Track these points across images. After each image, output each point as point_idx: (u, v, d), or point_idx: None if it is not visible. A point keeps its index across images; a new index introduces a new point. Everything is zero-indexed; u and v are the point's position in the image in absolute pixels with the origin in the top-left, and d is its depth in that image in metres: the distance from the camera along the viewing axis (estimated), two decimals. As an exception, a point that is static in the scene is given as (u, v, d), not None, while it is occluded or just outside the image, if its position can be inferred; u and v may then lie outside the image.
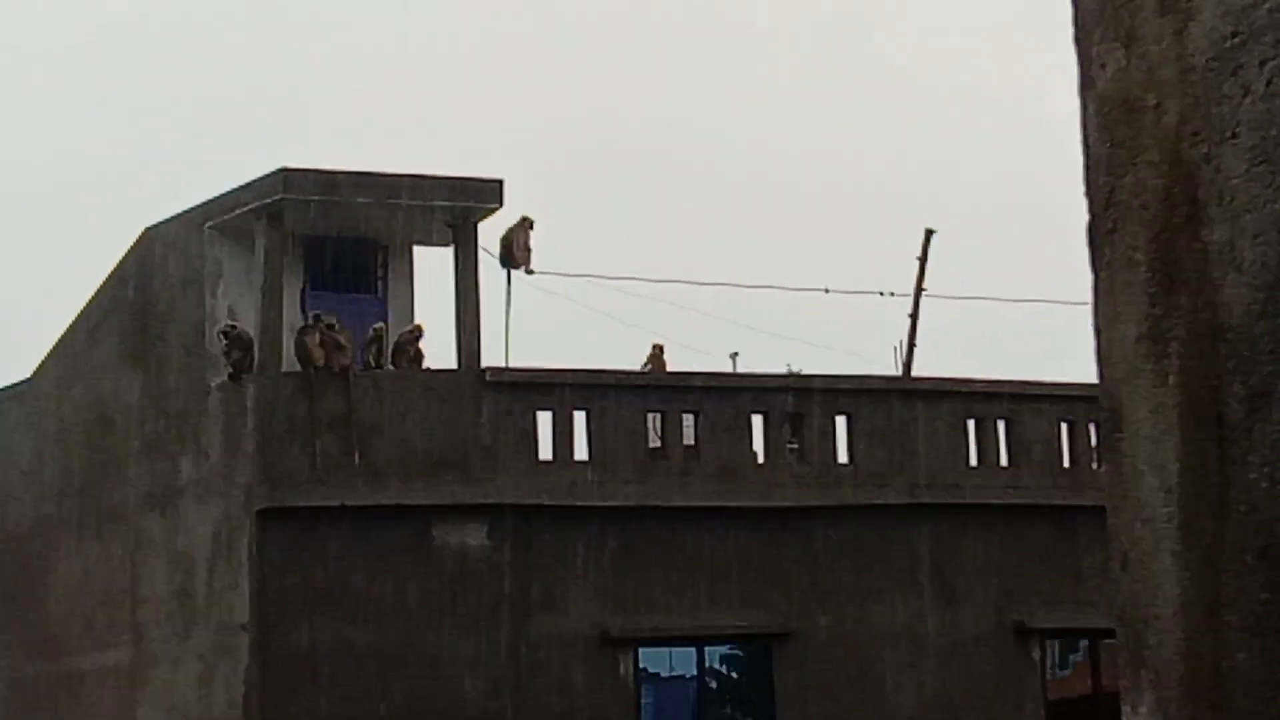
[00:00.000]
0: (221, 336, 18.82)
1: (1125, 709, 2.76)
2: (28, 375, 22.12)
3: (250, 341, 18.65)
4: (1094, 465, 20.11)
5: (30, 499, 21.72)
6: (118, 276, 20.81)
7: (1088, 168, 2.85)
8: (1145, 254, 2.72)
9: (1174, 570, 2.60)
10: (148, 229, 20.48)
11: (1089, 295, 2.95)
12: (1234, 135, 2.56)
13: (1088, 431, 20.58)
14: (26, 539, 21.68)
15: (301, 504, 18.24)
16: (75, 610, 20.76)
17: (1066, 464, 20.65)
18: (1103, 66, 2.82)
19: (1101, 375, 2.88)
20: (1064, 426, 20.72)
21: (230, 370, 18.78)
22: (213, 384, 19.05)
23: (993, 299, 31.34)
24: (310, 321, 18.83)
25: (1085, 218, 2.90)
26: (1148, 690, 2.66)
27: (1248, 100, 2.55)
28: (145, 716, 19.59)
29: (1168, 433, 2.62)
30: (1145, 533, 2.69)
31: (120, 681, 19.92)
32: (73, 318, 21.48)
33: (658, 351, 21.30)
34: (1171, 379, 2.62)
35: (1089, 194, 2.85)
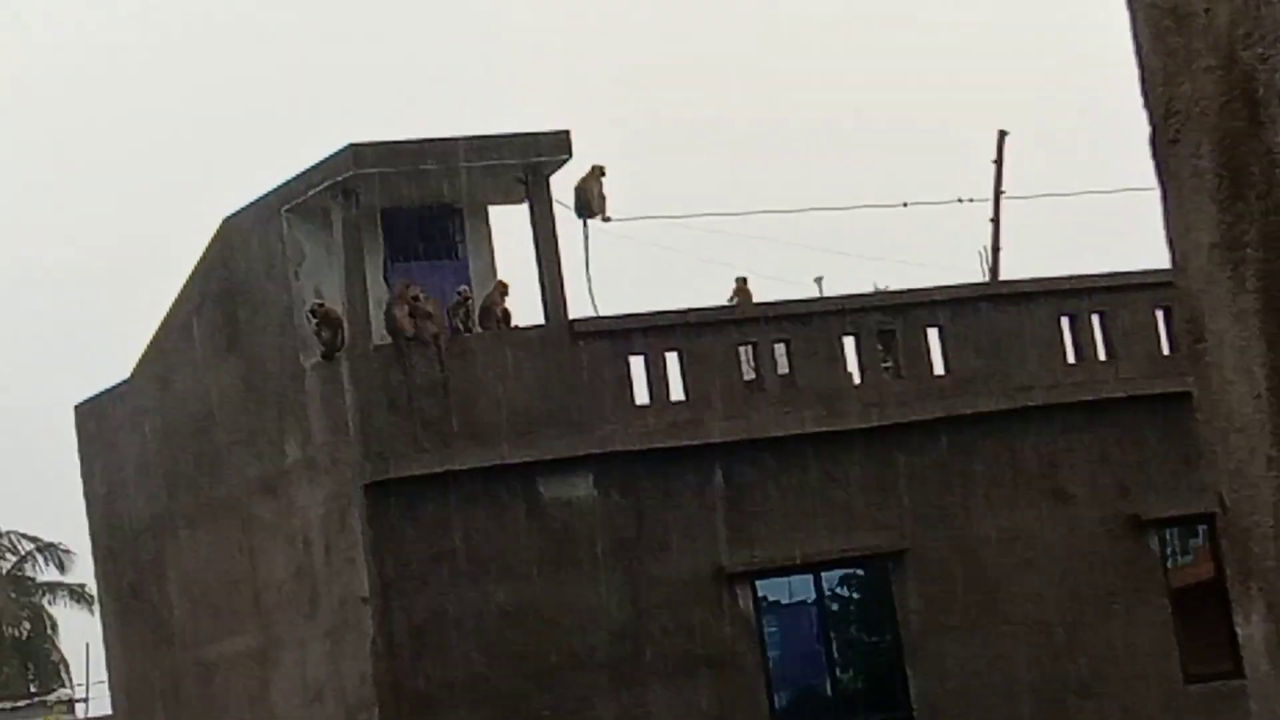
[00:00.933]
0: (310, 316, 18.97)
1: (1237, 618, 2.74)
2: (126, 376, 22.41)
3: (339, 319, 18.79)
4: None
5: (142, 496, 22.04)
6: (202, 269, 21.01)
7: (1144, 79, 2.81)
8: (1210, 161, 2.67)
9: (1272, 476, 2.57)
10: (226, 219, 20.65)
11: (1159, 206, 2.91)
12: (1288, 33, 2.51)
13: (1184, 316, 20.32)
14: (142, 536, 22.02)
15: (407, 474, 18.40)
16: (198, 601, 21.08)
17: (1166, 351, 20.43)
18: (1149, -26, 2.77)
19: (1180, 285, 2.85)
20: (1159, 314, 20.49)
21: (323, 350, 18.93)
22: (307, 365, 19.22)
23: (1071, 194, 30.97)
24: (398, 292, 18.93)
25: (1146, 129, 2.86)
26: (1258, 598, 2.64)
27: (1298, -4, 2.49)
28: (279, 699, 19.88)
29: (1252, 339, 2.59)
30: (1239, 442, 2.66)
31: (250, 667, 20.23)
32: (164, 314, 21.72)
33: (742, 284, 21.25)
34: (1250, 284, 2.59)
35: (1147, 105, 2.81)
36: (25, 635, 50.07)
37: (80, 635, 48.75)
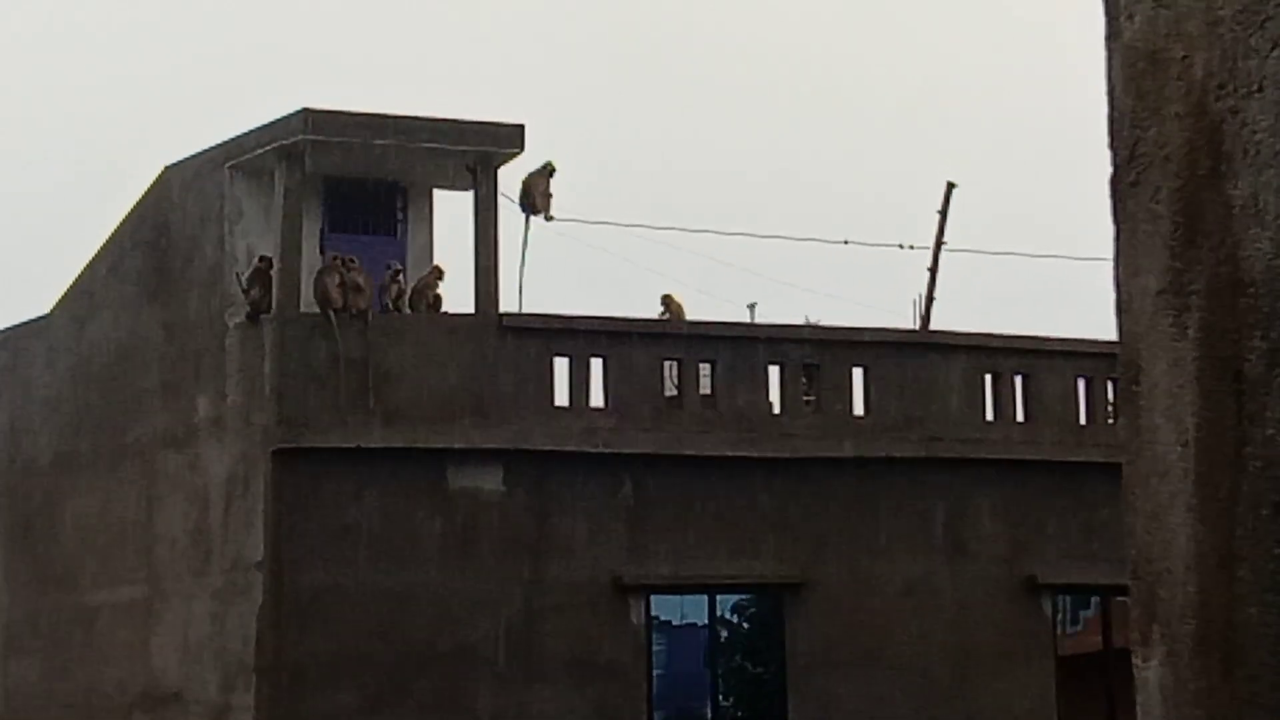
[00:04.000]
0: (250, 271, 18.82)
1: (1136, 662, 2.77)
2: (46, 311, 22.17)
3: (270, 280, 18.68)
4: (1109, 422, 20.10)
5: (48, 433, 21.81)
6: (138, 214, 20.83)
7: (1112, 120, 2.84)
8: (1168, 207, 2.71)
9: (1188, 524, 2.60)
10: (168, 167, 20.49)
11: (1110, 248, 2.95)
12: (1260, 89, 2.55)
13: (1104, 388, 20.56)
14: (44, 473, 21.79)
15: (318, 445, 18.30)
16: (91, 545, 20.87)
17: (1083, 420, 20.64)
18: (1130, 17, 2.80)
19: (1120, 328, 2.88)
20: (1081, 383, 20.70)
21: (249, 309, 18.81)
22: (231, 323, 19.09)
23: (1012, 254, 31.25)
24: (330, 262, 18.84)
25: (1108, 170, 2.89)
26: (1159, 643, 2.66)
27: (1275, 53, 2.53)
28: (159, 652, 19.71)
29: (1186, 387, 2.62)
30: (1160, 486, 2.69)
31: (135, 617, 20.05)
32: (92, 254, 21.51)
33: (671, 300, 21.27)
34: (1191, 333, 2.62)
35: (1113, 146, 2.84)
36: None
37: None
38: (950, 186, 25.94)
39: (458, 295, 19.53)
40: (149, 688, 19.74)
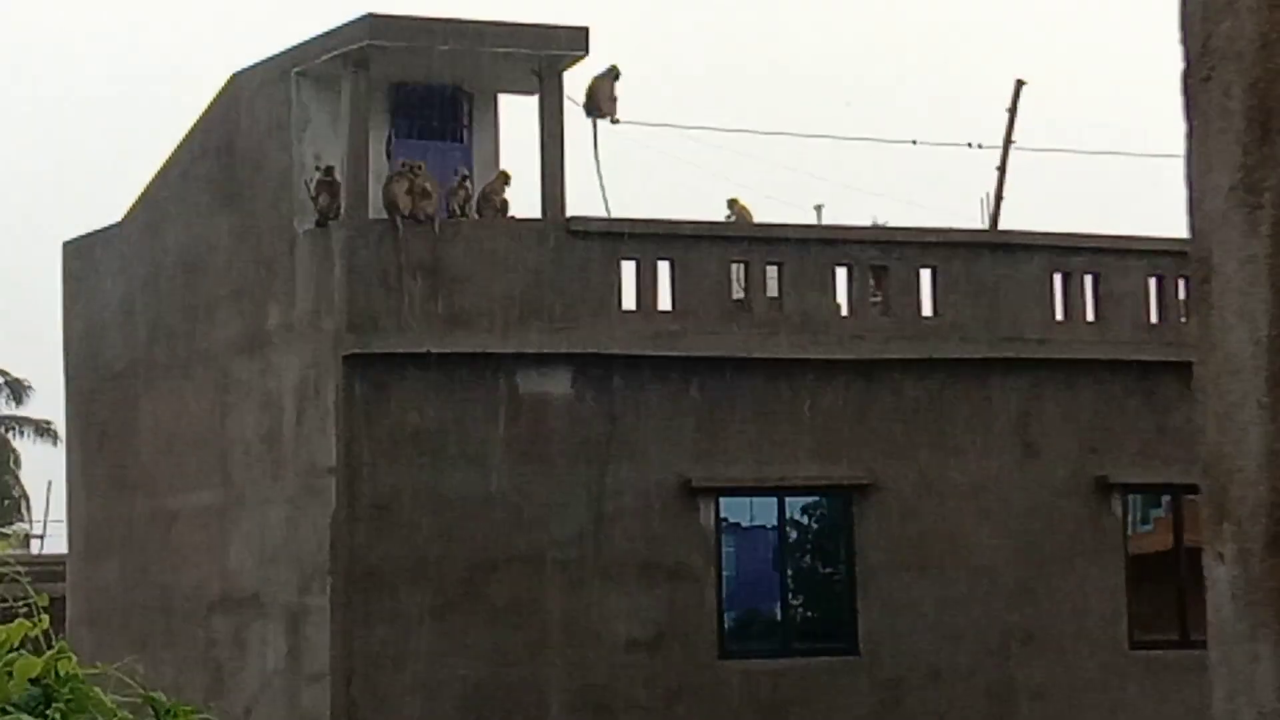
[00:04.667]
0: (315, 180, 18.89)
1: (1207, 560, 2.77)
2: (118, 219, 22.34)
3: (338, 187, 18.74)
4: (1182, 320, 19.94)
5: (122, 340, 22.03)
6: (206, 122, 20.91)
7: (1184, 14, 2.80)
8: (1240, 102, 2.67)
9: (1260, 422, 2.58)
10: (235, 75, 20.52)
11: (1182, 145, 2.91)
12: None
13: (1176, 286, 20.38)
14: (119, 380, 22.03)
15: (387, 350, 18.42)
16: (167, 451, 21.13)
17: (1154, 319, 20.49)
18: (1203, -91, 2.75)
19: (1192, 226, 2.85)
20: (1152, 281, 20.52)
21: (318, 216, 18.88)
22: (300, 230, 19.18)
23: (1082, 151, 30.96)
24: (398, 169, 18.87)
25: (1180, 66, 2.86)
26: (1230, 542, 2.66)
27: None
28: (235, 557, 19.99)
29: (1258, 284, 2.59)
30: (1232, 385, 2.67)
31: (211, 522, 20.32)
32: (163, 162, 21.62)
33: (736, 204, 21.19)
34: (1263, 230, 2.59)
35: (1184, 41, 2.80)
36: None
37: (41, 471, 48.90)
38: (1019, 84, 25.65)
39: (525, 200, 19.55)
40: (227, 590, 20.04)
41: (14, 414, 50.60)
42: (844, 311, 19.84)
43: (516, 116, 20.31)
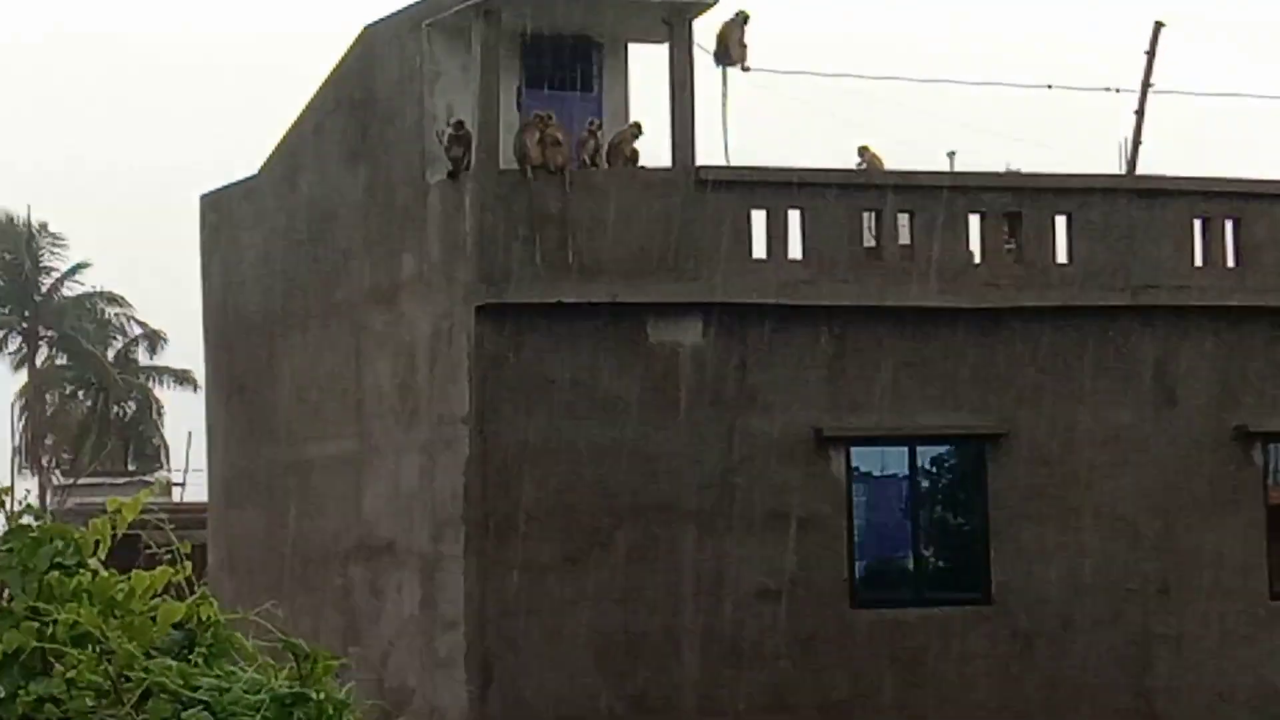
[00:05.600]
0: (440, 135, 19.01)
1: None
2: (255, 171, 22.62)
3: (470, 138, 18.83)
4: (1325, 268, 19.52)
5: (258, 292, 22.35)
6: (339, 74, 21.09)
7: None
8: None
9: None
10: (367, 27, 20.67)
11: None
12: None
13: (1319, 232, 19.95)
14: (256, 331, 22.36)
15: (519, 300, 18.52)
16: (303, 400, 21.43)
17: (1296, 266, 20.08)
18: None
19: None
20: (1294, 227, 20.11)
21: (450, 168, 19.00)
22: (432, 181, 19.31)
23: (1222, 94, 30.33)
24: (529, 120, 18.92)
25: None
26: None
27: None
28: (370, 505, 20.26)
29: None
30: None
31: (346, 470, 20.59)
32: (297, 116, 21.85)
33: (867, 151, 21.01)
34: None
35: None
36: (128, 416, 51.21)
37: (178, 420, 49.82)
38: (1158, 26, 25.21)
39: (655, 150, 19.53)
40: (363, 538, 20.32)
41: (152, 364, 51.59)
42: (977, 259, 19.64)
43: (646, 66, 20.28)
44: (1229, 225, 20.08)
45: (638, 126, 19.73)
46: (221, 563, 22.41)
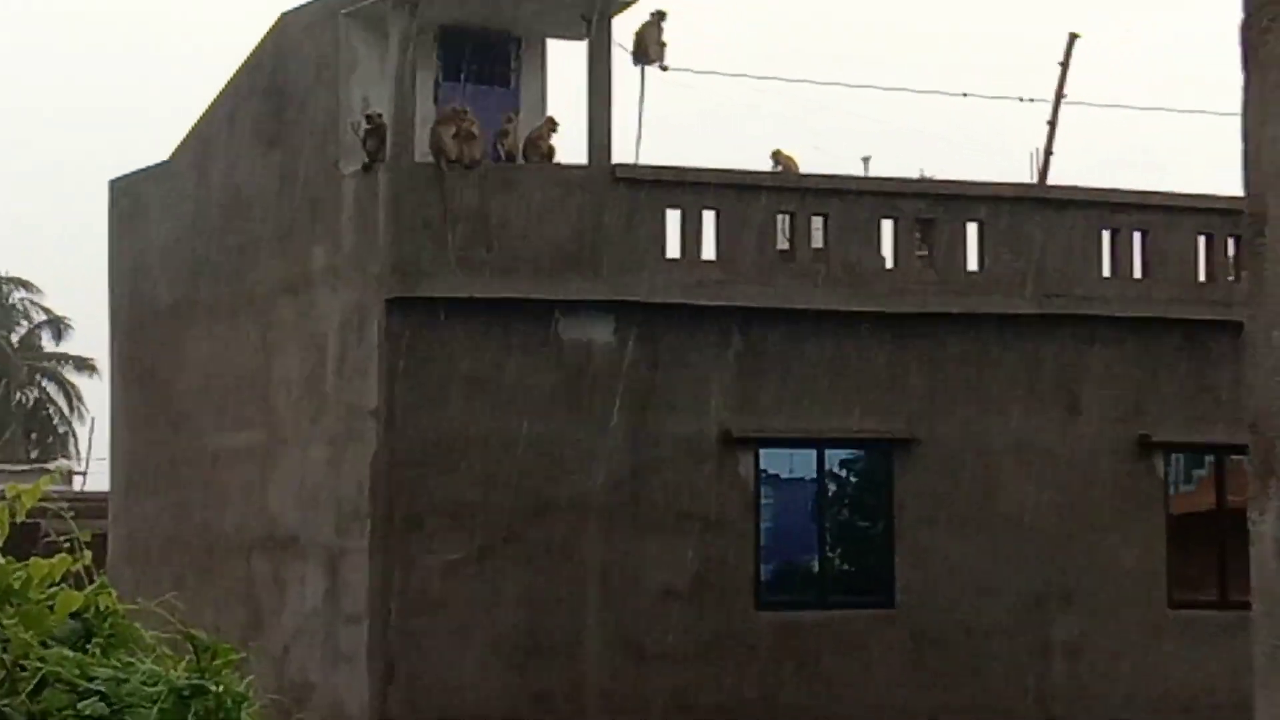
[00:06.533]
0: (354, 126, 18.89)
1: (1252, 516, 2.74)
2: (166, 157, 22.39)
3: (385, 130, 18.72)
4: (1230, 280, 19.79)
5: (168, 279, 22.12)
6: (254, 61, 20.91)
7: (1245, -37, 2.75)
8: (1301, 54, 2.62)
9: (1311, 379, 2.55)
10: (284, 14, 20.51)
11: (1238, 98, 2.87)
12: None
13: (1225, 245, 20.22)
14: (164, 318, 22.13)
15: (431, 294, 18.44)
16: (210, 390, 21.23)
17: (1202, 278, 20.34)
18: None
19: (1247, 179, 2.81)
20: (1201, 240, 20.37)
21: (365, 159, 18.88)
22: (346, 172, 19.19)
23: (1133, 107, 30.69)
24: (445, 113, 18.84)
25: (1239, 17, 2.81)
26: (1274, 497, 2.63)
27: None
28: (275, 497, 20.10)
29: (1313, 239, 2.55)
30: (1283, 341, 2.63)
31: (252, 462, 20.42)
32: (210, 102, 21.65)
33: (781, 154, 21.08)
34: (1320, 184, 2.55)
35: (1244, -8, 2.75)
36: (31, 403, 50.59)
37: (81, 407, 49.21)
38: (1073, 37, 25.46)
39: (571, 147, 19.50)
40: (267, 530, 20.16)
41: (57, 350, 51.00)
42: (889, 264, 19.76)
43: (565, 62, 20.27)
44: (1137, 237, 20.31)
45: (553, 122, 19.70)
46: (122, 552, 22.16)
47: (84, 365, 48.83)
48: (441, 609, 18.37)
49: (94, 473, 35.13)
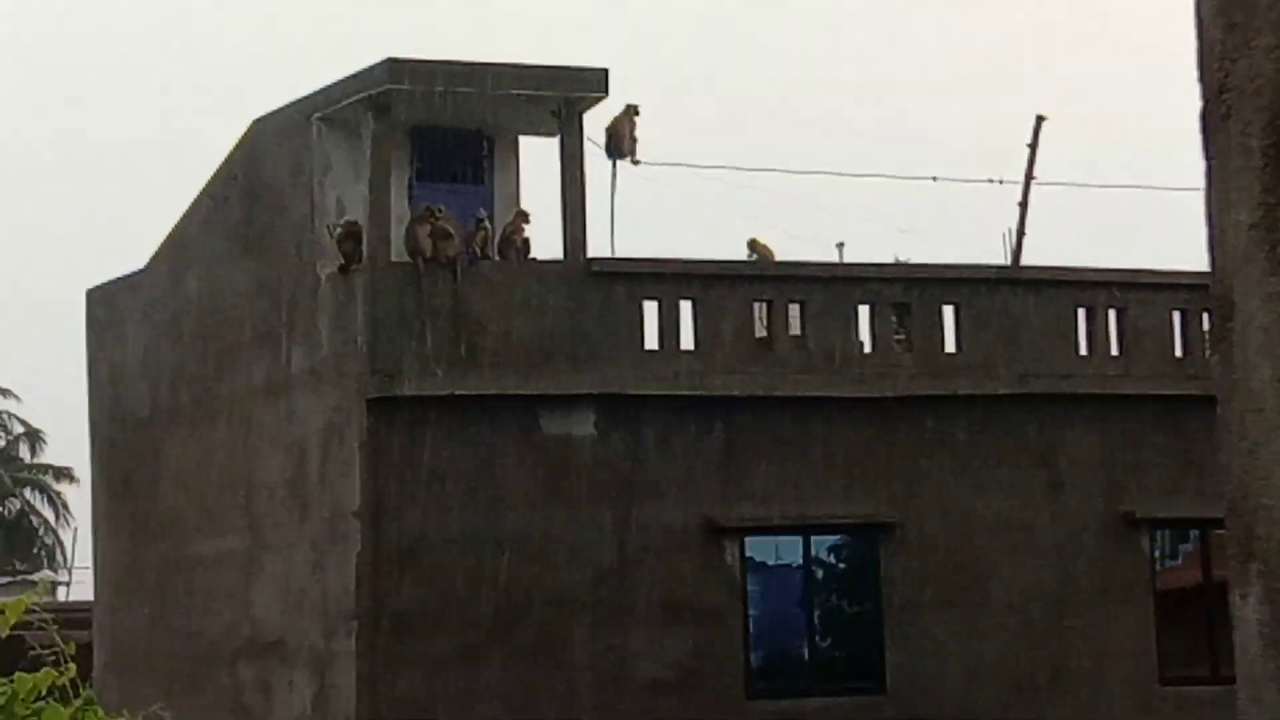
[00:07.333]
0: (330, 229, 18.96)
1: (1233, 599, 2.75)
2: (142, 265, 22.42)
3: (361, 233, 18.79)
4: (1207, 355, 19.88)
5: (146, 387, 22.09)
6: (228, 168, 21.00)
7: (1201, 53, 2.79)
8: (1259, 140, 2.66)
9: (1285, 461, 2.56)
10: (256, 120, 20.62)
11: (1202, 182, 2.90)
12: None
13: (1200, 320, 20.32)
14: (142, 426, 22.08)
15: (411, 393, 18.43)
16: (191, 496, 21.15)
17: (1179, 354, 20.42)
18: (1219, -52, 2.75)
19: (1213, 263, 2.84)
20: (1176, 315, 20.47)
21: (341, 262, 18.93)
22: (323, 274, 19.23)
23: (1103, 186, 30.94)
24: (420, 212, 18.92)
25: (1199, 104, 2.85)
26: (1256, 581, 2.64)
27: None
28: (261, 601, 19.98)
29: (1280, 322, 2.58)
30: (1256, 422, 2.65)
31: (236, 566, 20.32)
32: (185, 209, 21.71)
33: (756, 243, 21.20)
34: (1285, 267, 2.58)
35: (1203, 79, 2.80)
36: (11, 514, 50.33)
37: (63, 517, 48.97)
38: (1040, 120, 25.68)
39: (546, 241, 19.58)
40: (252, 635, 20.02)
41: (35, 461, 50.79)
42: (867, 349, 19.81)
43: (537, 158, 20.39)
44: (1112, 314, 20.40)
45: (525, 215, 19.79)
46: (108, 663, 21.99)
47: (63, 474, 48.64)
48: (431, 709, 18.23)
49: (78, 582, 34.93)
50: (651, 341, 19.13)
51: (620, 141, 20.32)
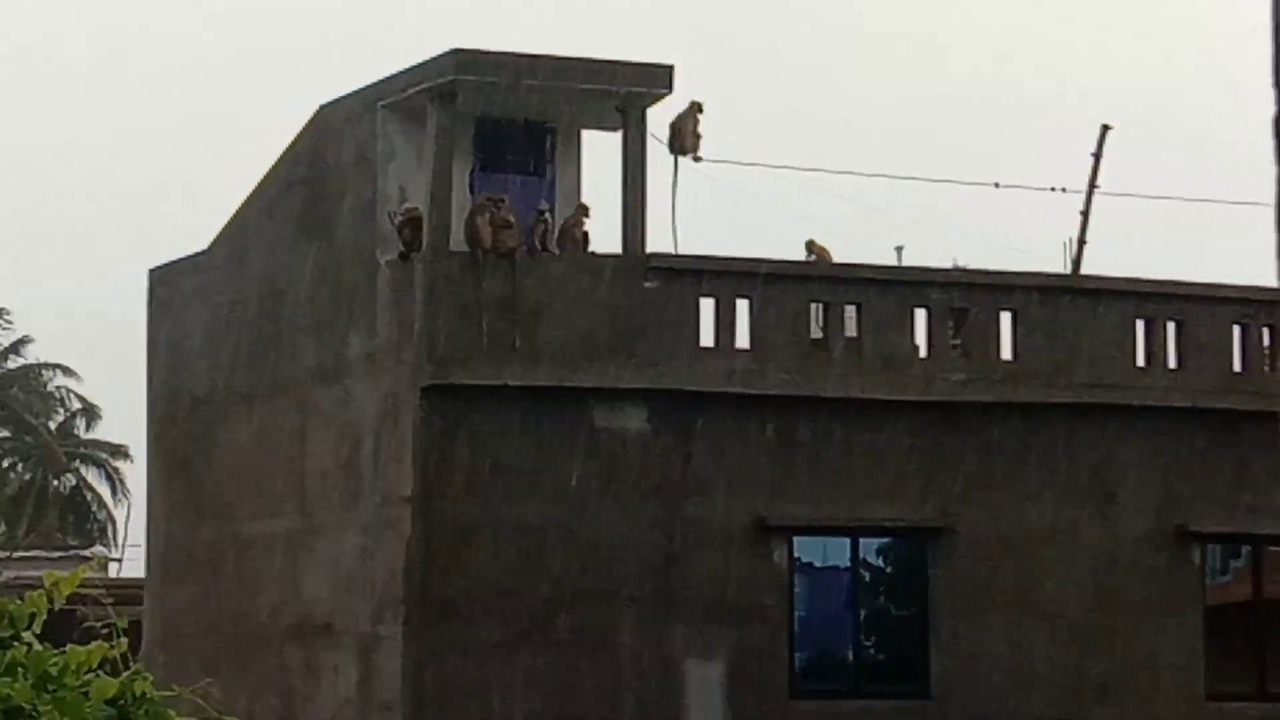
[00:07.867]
0: (392, 216, 19.04)
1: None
2: (204, 247, 22.58)
3: (421, 221, 18.86)
4: (1266, 370, 19.74)
5: (204, 369, 22.25)
6: (292, 153, 21.12)
7: (1277, 58, 2.78)
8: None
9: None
10: (322, 107, 20.74)
11: (1272, 190, 2.89)
12: None
13: (1261, 335, 20.18)
14: (199, 406, 22.25)
15: (466, 382, 18.51)
16: (245, 478, 21.31)
17: (1237, 368, 20.28)
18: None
19: None
20: (1237, 329, 20.32)
21: (401, 249, 19.02)
22: (382, 261, 19.33)
23: (1167, 198, 30.74)
24: (481, 202, 18.99)
25: (1271, 110, 2.84)
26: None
27: None
28: (310, 583, 20.11)
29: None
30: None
31: (287, 549, 20.46)
32: (249, 192, 21.86)
33: (814, 245, 21.15)
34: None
35: (1277, 84, 2.79)
36: (67, 489, 50.79)
37: (118, 493, 49.33)
38: (1105, 129, 25.55)
39: (606, 236, 19.62)
40: (300, 618, 20.15)
41: (90, 437, 51.23)
42: (922, 353, 19.77)
43: (600, 152, 20.42)
44: (1171, 327, 20.28)
45: (585, 208, 19.82)
46: (157, 640, 22.16)
47: (119, 452, 49.03)
48: (475, 697, 18.31)
49: (130, 559, 35.23)
50: (707, 339, 19.14)
51: (683, 138, 20.32)
